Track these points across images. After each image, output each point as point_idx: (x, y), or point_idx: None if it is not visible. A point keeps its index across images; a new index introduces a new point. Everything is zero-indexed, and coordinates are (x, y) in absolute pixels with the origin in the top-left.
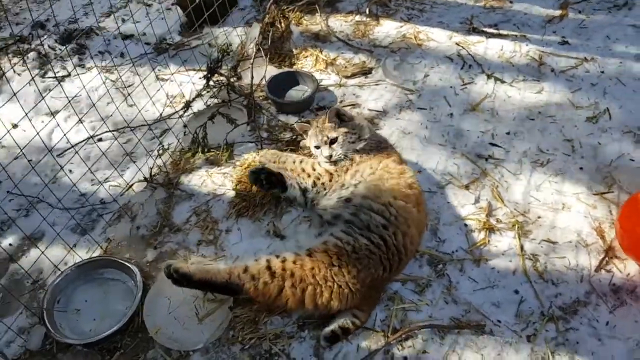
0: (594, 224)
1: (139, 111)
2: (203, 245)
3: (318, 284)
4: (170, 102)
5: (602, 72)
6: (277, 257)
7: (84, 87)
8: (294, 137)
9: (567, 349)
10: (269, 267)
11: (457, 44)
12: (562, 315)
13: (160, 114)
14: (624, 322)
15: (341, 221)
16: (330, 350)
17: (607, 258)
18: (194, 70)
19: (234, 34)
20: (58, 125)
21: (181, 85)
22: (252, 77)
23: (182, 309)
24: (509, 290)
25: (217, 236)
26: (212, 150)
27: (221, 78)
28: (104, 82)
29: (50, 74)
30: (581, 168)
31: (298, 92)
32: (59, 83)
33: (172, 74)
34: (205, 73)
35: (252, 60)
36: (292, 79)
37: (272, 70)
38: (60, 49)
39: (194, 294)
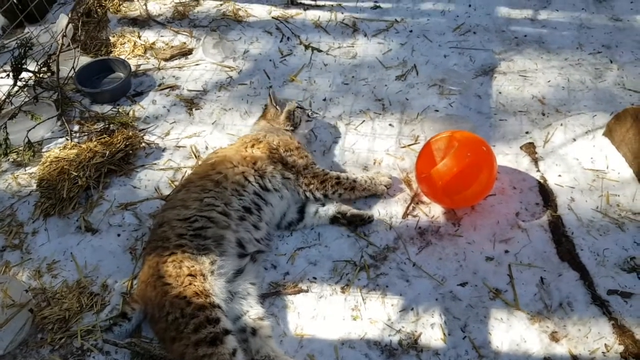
0: (402, 174)
1: None
2: (8, 251)
3: None
4: None
5: (411, 31)
6: None
7: None
8: (106, 126)
9: (377, 293)
10: None
11: (275, 18)
12: (373, 263)
13: None
14: (429, 261)
15: None
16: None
17: (413, 204)
18: (4, 71)
19: (54, 29)
20: None
21: None
22: (58, 70)
23: None
24: (324, 247)
25: (22, 240)
26: (14, 151)
27: (28, 75)
28: None
29: None
30: (390, 125)
31: (114, 80)
32: None
33: None
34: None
35: (57, 53)
36: (105, 67)
37: (85, 61)
38: None
39: None
